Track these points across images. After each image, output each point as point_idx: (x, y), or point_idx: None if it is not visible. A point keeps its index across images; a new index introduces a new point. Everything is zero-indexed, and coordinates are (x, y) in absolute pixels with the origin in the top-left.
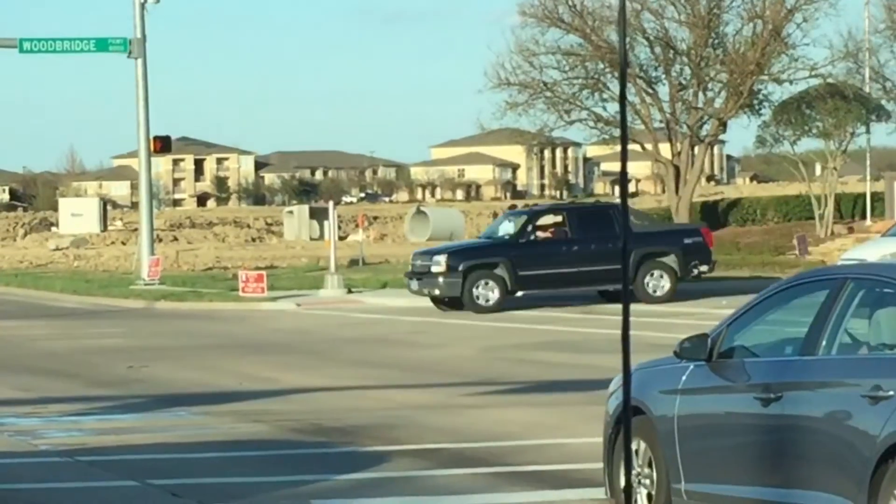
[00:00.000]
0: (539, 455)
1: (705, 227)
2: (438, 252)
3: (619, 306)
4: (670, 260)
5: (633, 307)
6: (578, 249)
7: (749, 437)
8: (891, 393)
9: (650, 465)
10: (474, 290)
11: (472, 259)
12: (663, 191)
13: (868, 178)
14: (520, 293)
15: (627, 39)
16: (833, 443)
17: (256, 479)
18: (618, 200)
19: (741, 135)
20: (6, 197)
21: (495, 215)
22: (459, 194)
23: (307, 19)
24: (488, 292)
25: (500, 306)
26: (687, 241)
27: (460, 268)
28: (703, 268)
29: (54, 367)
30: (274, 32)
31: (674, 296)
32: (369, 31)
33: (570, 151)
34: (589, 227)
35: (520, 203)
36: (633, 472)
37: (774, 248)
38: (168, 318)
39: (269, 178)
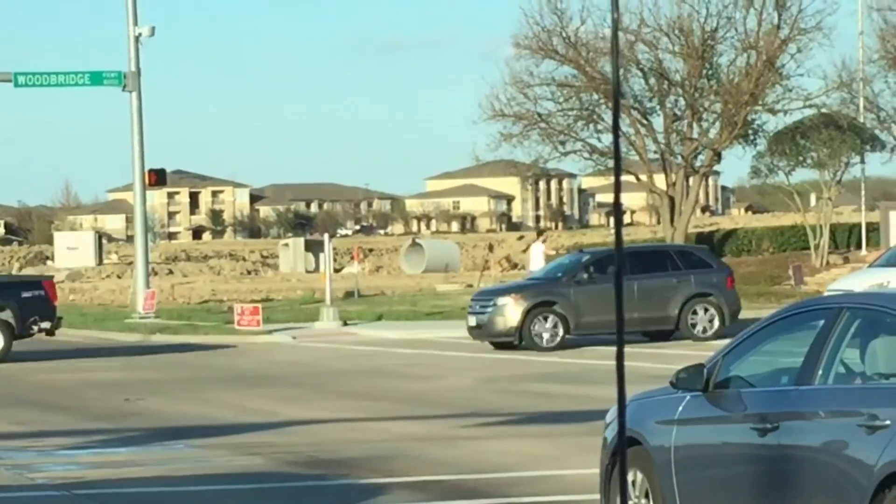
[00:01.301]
0: (536, 486)
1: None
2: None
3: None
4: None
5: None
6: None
7: (746, 467)
8: (887, 422)
9: (647, 496)
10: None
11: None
12: (658, 221)
13: (863, 208)
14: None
15: (621, 71)
16: (830, 472)
17: None
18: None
19: (736, 165)
20: (1, 231)
21: (490, 247)
22: (455, 226)
23: (302, 52)
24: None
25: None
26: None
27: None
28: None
29: (50, 401)
30: (269, 65)
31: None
32: (363, 64)
33: (565, 183)
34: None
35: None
36: (630, 502)
37: (770, 278)
38: (164, 352)
39: (265, 210)
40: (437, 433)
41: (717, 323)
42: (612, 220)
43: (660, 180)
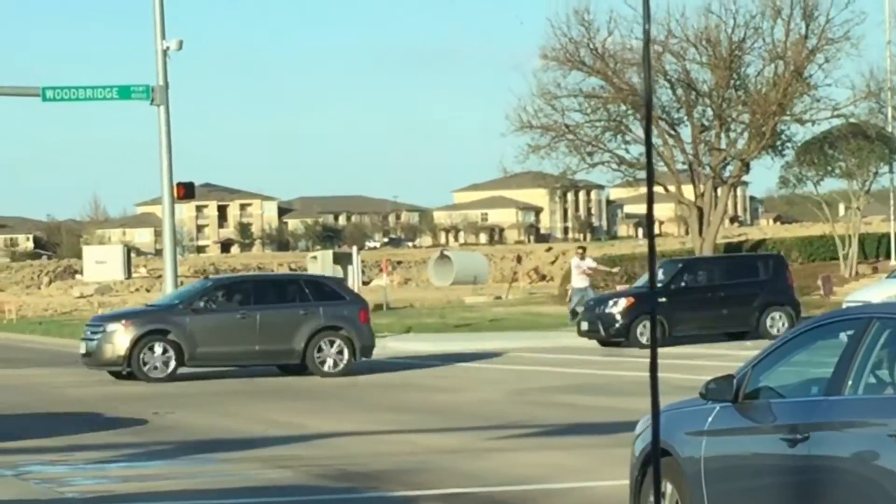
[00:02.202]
0: (565, 499)
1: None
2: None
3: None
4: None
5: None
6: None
7: (776, 477)
8: None
9: None
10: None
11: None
12: (687, 232)
13: (892, 217)
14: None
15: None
16: (860, 483)
17: None
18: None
19: (764, 176)
20: (30, 245)
21: (519, 258)
22: (483, 238)
23: (330, 64)
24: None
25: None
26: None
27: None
28: None
29: (80, 415)
30: (296, 77)
31: None
32: (392, 76)
33: (593, 194)
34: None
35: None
36: None
37: (799, 288)
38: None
39: (293, 223)
40: (466, 445)
41: (346, 358)
42: (640, 231)
43: (688, 191)
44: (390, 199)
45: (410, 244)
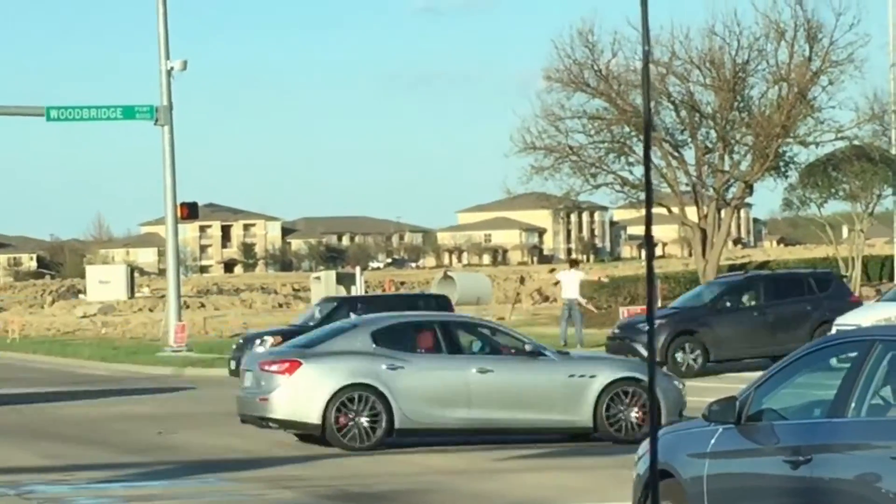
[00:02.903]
0: None
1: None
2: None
3: None
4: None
5: None
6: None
7: (779, 499)
8: None
9: None
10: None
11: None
12: (690, 254)
13: (895, 240)
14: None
15: (652, 103)
16: None
17: None
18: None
19: (767, 198)
20: (34, 265)
21: (522, 279)
22: (486, 259)
23: (334, 85)
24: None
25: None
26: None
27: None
28: None
29: (83, 435)
30: (301, 98)
31: None
32: (395, 97)
33: (596, 215)
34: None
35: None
36: None
37: None
38: (196, 385)
39: (296, 243)
40: (473, 466)
41: None
42: (643, 252)
43: (691, 213)
44: (394, 220)
45: (414, 265)
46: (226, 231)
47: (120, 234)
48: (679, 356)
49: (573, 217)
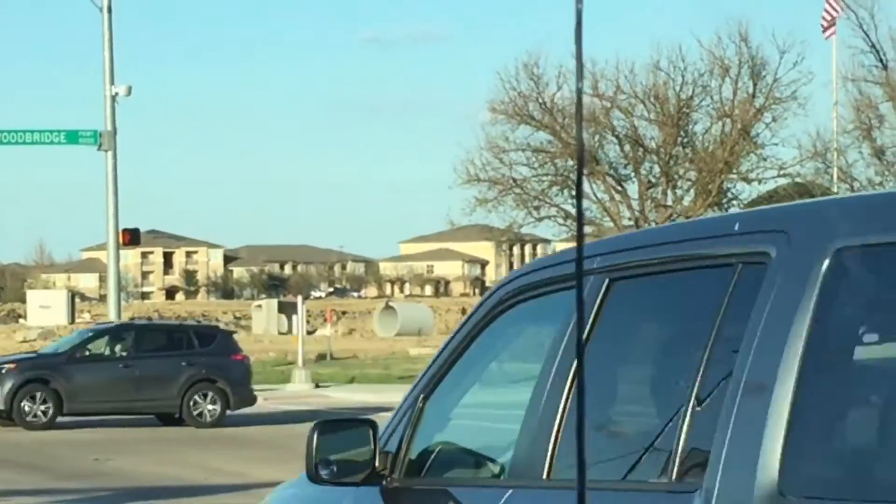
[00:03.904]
0: None
1: None
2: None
3: None
4: None
5: None
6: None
7: None
8: None
9: None
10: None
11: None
12: None
13: None
14: None
15: (597, 137)
16: None
17: None
18: None
19: None
20: None
21: (464, 311)
22: (428, 290)
23: (278, 113)
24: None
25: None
26: None
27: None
28: None
29: (17, 460)
30: (245, 126)
31: None
32: (339, 126)
33: (539, 248)
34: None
35: None
36: None
37: None
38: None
39: (238, 271)
40: None
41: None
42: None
43: None
44: (336, 249)
45: (356, 294)
46: (168, 258)
47: (61, 260)
48: (26, 405)
49: (516, 249)
